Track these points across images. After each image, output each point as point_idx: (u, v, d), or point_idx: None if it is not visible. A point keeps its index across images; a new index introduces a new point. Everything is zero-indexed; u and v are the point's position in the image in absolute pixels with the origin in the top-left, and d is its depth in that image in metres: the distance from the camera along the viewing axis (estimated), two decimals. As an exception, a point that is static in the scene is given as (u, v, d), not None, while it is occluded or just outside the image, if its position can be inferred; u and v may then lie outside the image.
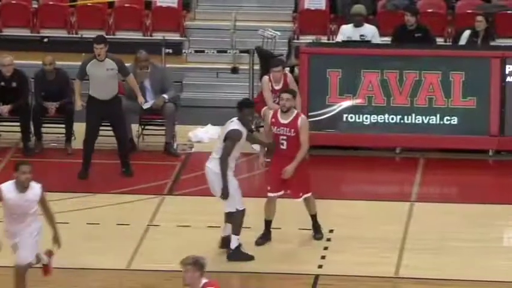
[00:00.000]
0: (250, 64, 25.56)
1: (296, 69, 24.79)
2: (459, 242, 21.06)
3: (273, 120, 20.58)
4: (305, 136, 20.58)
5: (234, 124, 20.25)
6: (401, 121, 24.42)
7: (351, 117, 24.37)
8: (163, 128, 24.78)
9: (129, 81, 23.70)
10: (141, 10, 28.09)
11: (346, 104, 24.28)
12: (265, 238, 20.89)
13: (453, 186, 23.94)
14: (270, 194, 20.62)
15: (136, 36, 27.81)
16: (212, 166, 20.28)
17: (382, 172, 24.21)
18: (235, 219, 20.38)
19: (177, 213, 22.31)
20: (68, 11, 28.07)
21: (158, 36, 27.21)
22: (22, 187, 18.50)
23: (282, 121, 20.46)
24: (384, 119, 24.40)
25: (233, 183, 20.33)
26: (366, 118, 24.36)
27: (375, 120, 24.42)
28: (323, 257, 20.65)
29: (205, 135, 24.78)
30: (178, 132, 25.12)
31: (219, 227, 20.96)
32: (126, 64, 24.61)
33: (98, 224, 21.88)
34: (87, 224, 21.85)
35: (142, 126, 25.27)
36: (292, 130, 20.38)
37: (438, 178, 24.07)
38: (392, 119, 24.44)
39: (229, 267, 20.45)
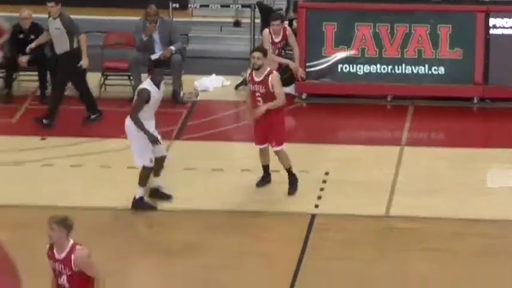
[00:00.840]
0: (251, 18, 25.83)
1: (294, 23, 24.99)
2: (446, 184, 21.38)
3: (250, 78, 20.70)
4: (278, 90, 20.62)
5: (145, 83, 20.52)
6: (392, 71, 24.73)
7: (345, 68, 24.69)
8: (171, 77, 24.89)
9: (80, 41, 23.85)
10: None
11: (341, 55, 24.59)
12: (264, 181, 21.15)
13: (440, 131, 24.05)
14: (257, 146, 20.90)
15: None
16: (128, 123, 20.44)
17: (374, 119, 24.41)
18: (141, 173, 20.42)
19: (183, 157, 22.42)
20: None
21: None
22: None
23: (256, 79, 20.53)
24: (376, 69, 24.73)
25: (145, 140, 20.36)
26: (360, 68, 24.68)
27: (368, 71, 24.72)
28: (319, 198, 20.96)
29: (210, 84, 25.03)
30: (184, 82, 25.15)
31: (222, 169, 21.37)
32: (137, 18, 24.94)
33: (110, 167, 22.29)
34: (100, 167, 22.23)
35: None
36: (264, 87, 20.47)
37: (426, 124, 24.23)
38: (384, 69, 24.72)
39: (231, 207, 20.78)
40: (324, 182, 21.58)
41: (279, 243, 19.64)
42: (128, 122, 20.27)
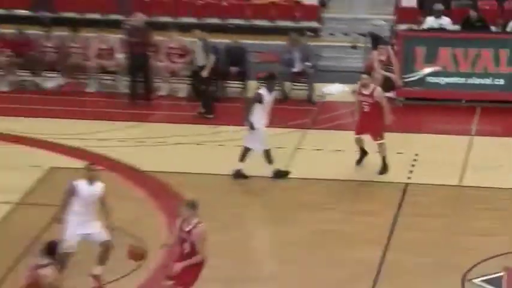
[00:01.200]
0: (365, 43, 25.76)
1: (395, 46, 24.98)
2: (506, 163, 21.17)
3: (358, 91, 20.51)
4: (385, 101, 20.53)
5: (261, 89, 20.24)
6: (465, 82, 24.49)
7: (431, 79, 24.48)
8: (306, 84, 24.90)
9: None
10: (292, 6, 27.49)
11: (427, 70, 24.40)
12: (361, 158, 20.95)
13: (500, 125, 23.64)
14: (355, 135, 20.72)
15: (289, 24, 27.11)
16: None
17: (452, 116, 24.09)
18: (266, 154, 20.09)
19: (314, 141, 22.27)
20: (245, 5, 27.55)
21: (304, 24, 27.08)
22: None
23: (364, 92, 20.35)
24: (453, 81, 24.50)
25: (262, 130, 20.07)
26: (442, 80, 24.49)
27: (447, 81, 24.50)
28: (411, 172, 20.83)
29: (334, 90, 24.92)
30: (315, 87, 24.96)
31: (341, 150, 21.29)
32: (282, 42, 25.02)
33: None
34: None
35: (293, 83, 25.15)
36: (370, 98, 20.29)
37: (490, 121, 23.88)
38: (459, 80, 24.51)
39: (331, 175, 20.71)
40: (415, 160, 21.40)
41: (382, 203, 19.57)
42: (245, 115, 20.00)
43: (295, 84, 25.06)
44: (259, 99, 19.92)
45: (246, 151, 20.13)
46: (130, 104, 24.26)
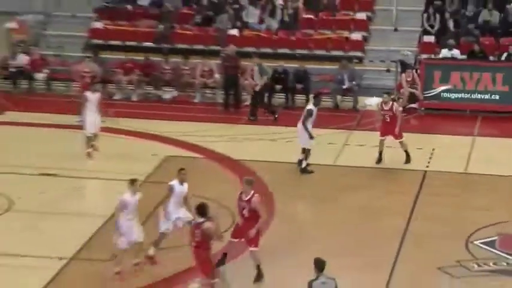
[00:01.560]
0: (396, 67, 25.52)
1: (418, 71, 24.69)
2: (501, 158, 20.79)
3: (380, 107, 20.27)
4: (399, 114, 20.16)
5: (310, 105, 19.79)
6: (470, 96, 24.15)
7: (445, 94, 24.17)
8: (352, 97, 24.58)
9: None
10: (343, 40, 26.68)
11: (442, 88, 24.07)
12: (379, 160, 20.42)
13: (496, 129, 23.06)
14: (379, 137, 20.35)
15: (340, 53, 26.30)
16: (299, 126, 19.60)
17: (460, 121, 23.62)
18: (306, 152, 19.58)
19: (357, 140, 22.03)
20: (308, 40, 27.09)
21: (352, 53, 26.49)
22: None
23: (385, 108, 20.10)
24: (461, 96, 24.20)
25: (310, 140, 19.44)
26: (452, 95, 24.18)
27: (457, 96, 24.16)
28: (429, 162, 20.68)
29: (373, 101, 24.62)
30: (359, 100, 24.55)
31: (377, 146, 20.80)
32: (335, 67, 24.85)
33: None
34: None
35: (343, 97, 24.67)
36: (391, 112, 20.02)
37: (488, 126, 23.32)
38: (465, 95, 24.17)
39: (369, 165, 20.36)
40: (432, 153, 21.21)
41: (407, 185, 19.42)
42: (299, 126, 19.62)
43: (344, 97, 24.77)
44: (310, 113, 19.48)
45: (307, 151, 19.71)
46: (225, 111, 24.35)
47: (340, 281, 12.84)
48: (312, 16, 27.18)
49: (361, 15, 27.27)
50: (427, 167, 20.29)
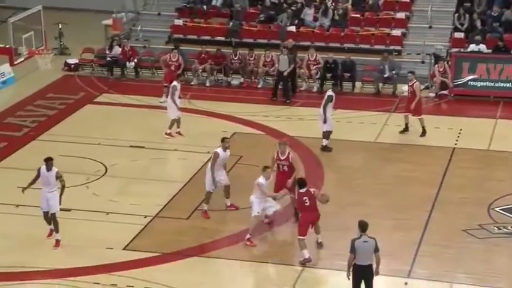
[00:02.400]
0: (430, 59, 24.96)
1: (449, 62, 24.22)
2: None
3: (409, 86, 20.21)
4: (418, 90, 20.05)
5: (330, 91, 19.27)
6: (494, 85, 23.32)
7: (472, 83, 23.46)
8: (392, 85, 23.86)
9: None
10: (385, 36, 25.80)
11: (470, 77, 23.42)
12: (403, 130, 20.35)
13: None
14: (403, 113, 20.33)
15: (382, 47, 25.39)
16: (320, 111, 18.96)
17: (484, 106, 22.78)
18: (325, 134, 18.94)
19: (395, 121, 21.40)
20: (355, 35, 26.14)
21: (392, 47, 26.11)
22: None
23: (409, 84, 20.20)
24: (486, 84, 23.39)
25: (331, 119, 18.95)
26: (478, 83, 23.49)
27: (482, 84, 23.41)
28: (457, 140, 20.28)
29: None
30: (398, 87, 23.58)
31: (413, 126, 20.62)
32: (378, 58, 24.49)
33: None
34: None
35: (384, 84, 23.70)
36: (411, 88, 20.07)
37: (509, 109, 22.37)
38: (490, 84, 23.30)
39: (407, 142, 20.00)
40: (459, 133, 20.80)
41: (438, 159, 19.13)
42: (320, 110, 18.99)
43: (385, 84, 24.01)
44: (331, 99, 19.06)
45: (329, 134, 19.32)
46: (283, 95, 23.92)
47: (380, 240, 12.82)
48: (358, 15, 26.88)
49: (401, 15, 26.86)
50: (456, 144, 19.98)
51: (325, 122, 19.00)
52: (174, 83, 20.32)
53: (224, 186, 16.31)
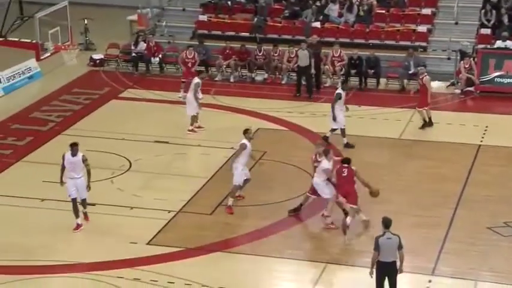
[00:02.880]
0: (456, 56, 24.76)
1: (475, 59, 23.98)
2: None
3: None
4: (428, 84, 20.10)
5: (339, 89, 19.06)
6: None
7: (498, 79, 23.27)
8: (416, 80, 23.88)
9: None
10: (410, 32, 25.84)
11: (496, 73, 23.23)
12: (423, 126, 20.23)
13: None
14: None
15: (408, 43, 25.31)
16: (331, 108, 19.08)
17: (509, 103, 22.45)
18: (342, 132, 19.05)
19: (421, 120, 20.91)
20: (380, 31, 26.15)
21: (417, 43, 25.99)
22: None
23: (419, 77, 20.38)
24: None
25: (342, 116, 18.94)
26: (505, 80, 23.27)
27: (509, 81, 23.17)
28: (482, 137, 20.14)
29: (435, 85, 23.85)
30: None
31: (439, 122, 20.45)
32: (403, 55, 24.31)
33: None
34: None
35: (409, 80, 23.53)
36: (421, 81, 20.20)
37: None
38: None
39: (431, 138, 19.88)
40: (485, 130, 20.63)
41: (463, 156, 18.95)
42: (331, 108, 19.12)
43: (410, 81, 23.79)
44: (340, 96, 18.95)
45: (343, 131, 19.29)
46: (307, 91, 23.88)
47: (403, 237, 12.74)
48: (384, 11, 26.75)
49: (427, 11, 26.68)
50: (481, 141, 19.82)
51: (334, 119, 18.92)
52: (197, 79, 20.32)
53: (245, 180, 16.26)
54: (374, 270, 12.54)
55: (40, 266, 14.28)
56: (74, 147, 14.95)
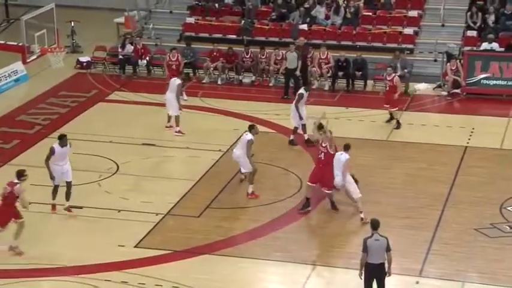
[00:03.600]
0: (442, 58, 24.81)
1: (462, 61, 24.07)
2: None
3: (384, 77, 20.74)
4: (398, 84, 20.35)
5: (302, 90, 19.15)
6: (506, 83, 23.09)
7: (484, 81, 23.27)
8: (404, 82, 23.98)
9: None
10: (397, 34, 26.25)
11: (482, 76, 23.29)
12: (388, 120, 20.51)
13: None
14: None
15: (394, 45, 25.38)
16: (292, 107, 19.23)
17: (497, 105, 22.53)
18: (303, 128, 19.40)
19: (408, 120, 21.32)
20: (367, 34, 26.42)
21: (404, 45, 26.06)
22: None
23: (388, 78, 20.40)
24: (499, 83, 23.22)
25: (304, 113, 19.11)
26: (490, 82, 23.30)
27: (494, 83, 23.23)
28: (469, 139, 20.19)
29: (421, 86, 24.05)
30: (410, 85, 23.50)
31: (426, 125, 20.50)
32: (389, 57, 24.36)
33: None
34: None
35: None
36: (391, 82, 20.35)
37: None
38: (503, 82, 23.11)
39: (420, 140, 20.03)
40: (472, 132, 20.68)
41: (450, 157, 19.00)
42: (292, 107, 19.31)
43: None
44: (301, 96, 19.06)
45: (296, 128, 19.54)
46: (294, 93, 23.80)
47: (391, 239, 12.76)
48: (370, 13, 26.80)
49: (413, 13, 26.74)
50: (468, 143, 19.87)
51: (301, 118, 19.03)
52: (179, 80, 20.30)
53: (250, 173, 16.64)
54: (363, 272, 12.54)
55: (27, 269, 14.22)
56: (63, 138, 15.86)
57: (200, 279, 13.92)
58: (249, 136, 16.56)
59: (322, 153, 15.84)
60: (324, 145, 15.84)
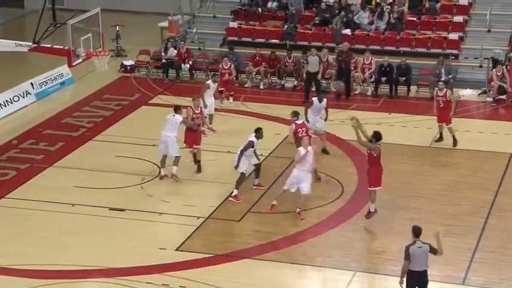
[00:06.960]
0: (488, 64, 24.53)
1: (508, 66, 23.72)
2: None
3: (436, 94, 19.86)
4: (452, 98, 19.81)
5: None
6: None
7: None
8: (448, 88, 23.76)
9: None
10: (442, 40, 25.66)
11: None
12: (439, 139, 19.94)
13: None
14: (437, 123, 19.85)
15: (439, 51, 25.25)
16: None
17: None
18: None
19: (452, 126, 21.35)
20: (411, 39, 26.24)
21: (449, 51, 25.66)
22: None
23: (439, 94, 19.70)
24: None
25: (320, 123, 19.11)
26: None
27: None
28: (515, 144, 20.02)
29: (466, 93, 23.87)
30: (454, 91, 22.94)
31: (470, 131, 20.16)
32: (434, 62, 24.08)
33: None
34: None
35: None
36: (444, 98, 19.62)
37: None
38: None
39: (464, 147, 19.79)
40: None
41: (495, 165, 18.75)
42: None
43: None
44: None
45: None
46: (337, 98, 23.73)
47: (434, 246, 12.59)
48: (415, 18, 26.59)
49: (459, 18, 26.46)
50: (513, 150, 19.79)
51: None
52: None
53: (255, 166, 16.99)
54: (404, 279, 12.39)
55: (70, 270, 14.36)
56: (177, 110, 17.92)
57: (240, 283, 13.92)
58: (252, 138, 16.64)
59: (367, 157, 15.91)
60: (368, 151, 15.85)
